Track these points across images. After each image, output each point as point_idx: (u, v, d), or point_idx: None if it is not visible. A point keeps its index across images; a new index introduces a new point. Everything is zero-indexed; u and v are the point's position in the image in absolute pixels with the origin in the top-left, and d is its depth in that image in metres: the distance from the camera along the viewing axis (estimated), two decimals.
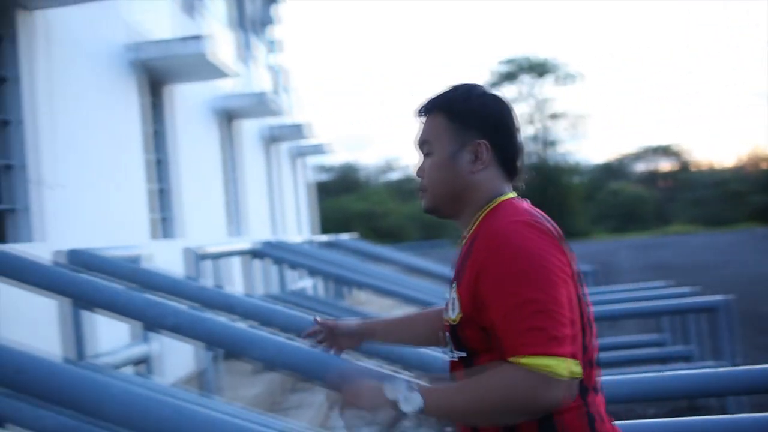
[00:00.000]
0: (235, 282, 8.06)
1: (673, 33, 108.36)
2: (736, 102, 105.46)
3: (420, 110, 1.91)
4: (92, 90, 5.97)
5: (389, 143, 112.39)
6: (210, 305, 3.70)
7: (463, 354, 1.78)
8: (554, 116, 60.62)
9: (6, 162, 4.82)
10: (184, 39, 6.90)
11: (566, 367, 1.57)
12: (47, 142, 5.05)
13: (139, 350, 4.60)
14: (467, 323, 1.73)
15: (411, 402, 1.66)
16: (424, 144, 1.91)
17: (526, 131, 60.92)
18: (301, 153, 16.35)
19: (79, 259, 3.92)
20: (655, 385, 2.85)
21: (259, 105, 9.81)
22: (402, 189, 59.54)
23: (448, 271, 1.94)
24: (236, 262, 8.11)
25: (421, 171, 1.91)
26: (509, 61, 61.43)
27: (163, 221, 7.47)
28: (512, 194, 1.87)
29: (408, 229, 51.81)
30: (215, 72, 7.52)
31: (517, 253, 1.65)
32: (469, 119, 1.84)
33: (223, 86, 9.59)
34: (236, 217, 10.22)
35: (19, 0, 4.80)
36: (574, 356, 1.60)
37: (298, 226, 15.84)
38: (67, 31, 5.53)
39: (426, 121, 1.90)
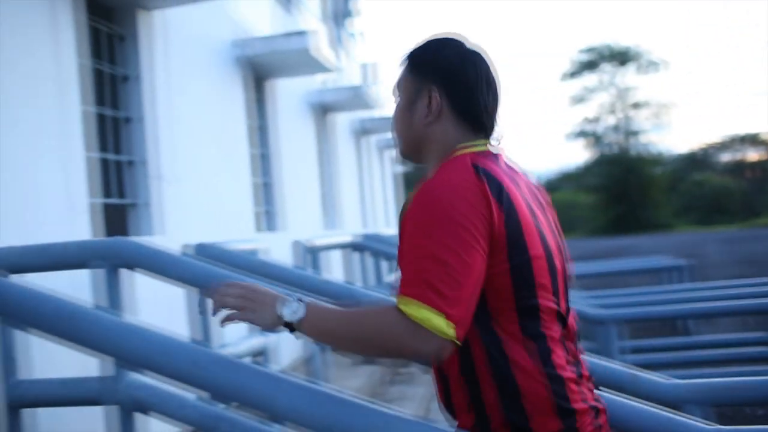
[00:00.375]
0: (335, 274, 8.14)
1: (761, 17, 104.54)
2: None
3: (399, 62, 1.91)
4: (204, 86, 6.10)
5: None
6: (335, 298, 3.74)
7: None
8: (636, 105, 59.27)
9: (129, 158, 4.97)
10: (288, 35, 6.99)
11: (438, 324, 1.57)
12: (166, 138, 5.18)
13: (257, 342, 4.68)
14: None
15: (294, 311, 1.71)
16: (394, 92, 1.92)
17: (606, 121, 59.84)
18: (388, 145, 16.41)
19: (207, 252, 4.01)
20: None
21: (355, 98, 9.88)
22: None
23: None
24: (336, 255, 8.19)
25: (392, 119, 1.93)
26: (589, 50, 60.32)
27: (267, 214, 7.59)
28: (476, 147, 1.81)
29: None
30: (317, 66, 7.59)
31: (432, 207, 1.64)
32: (424, 69, 1.83)
33: (317, 80, 9.69)
34: (331, 210, 10.32)
35: (139, 1, 4.94)
36: (451, 317, 1.58)
37: (386, 218, 15.91)
38: (182, 30, 5.66)
39: (399, 71, 1.90)
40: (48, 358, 3.42)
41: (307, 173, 9.04)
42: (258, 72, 7.39)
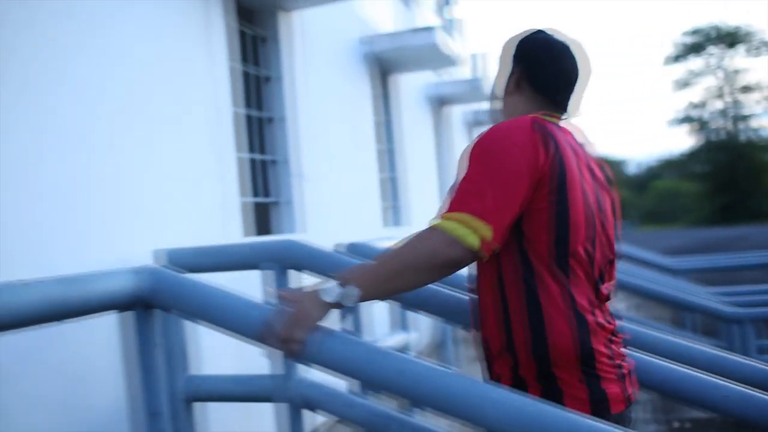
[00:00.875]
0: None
1: None
2: None
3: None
4: (336, 84, 6.19)
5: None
6: None
7: None
8: (746, 89, 56.92)
9: (272, 157, 5.09)
10: (416, 30, 7.01)
11: (467, 232, 1.78)
12: (305, 137, 5.28)
13: (401, 338, 4.74)
14: None
15: (349, 296, 1.82)
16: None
17: (713, 106, 57.69)
18: None
19: (359, 251, 4.06)
20: None
21: (472, 91, 9.83)
22: None
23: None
24: None
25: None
26: (695, 32, 58.26)
27: (392, 209, 7.65)
28: (544, 116, 2.04)
29: None
30: (443, 60, 7.58)
31: (484, 143, 1.89)
32: (513, 49, 2.14)
33: (432, 73, 9.68)
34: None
35: (280, 2, 5.03)
36: (484, 218, 1.79)
37: None
38: (316, 30, 5.75)
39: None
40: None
41: (426, 167, 9.06)
42: (382, 67, 7.44)
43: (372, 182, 6.80)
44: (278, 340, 1.87)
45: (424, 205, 8.68)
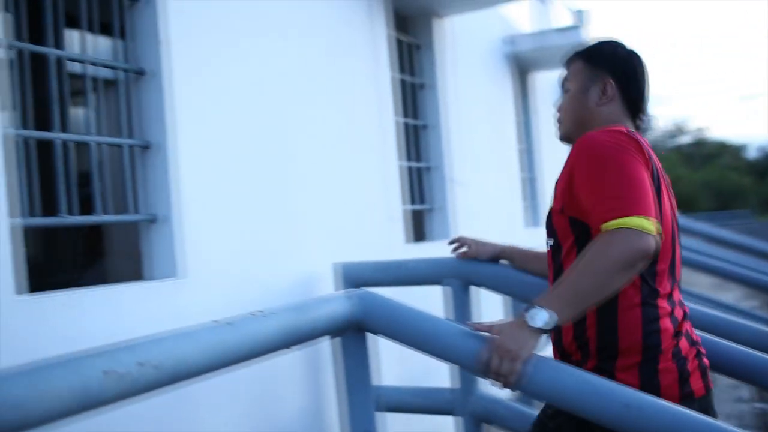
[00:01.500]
0: None
1: None
2: None
3: (566, 61, 2.30)
4: (481, 86, 6.19)
5: (679, 105, 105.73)
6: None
7: (552, 241, 2.17)
8: None
9: (426, 164, 5.14)
10: (561, 30, 6.93)
11: (648, 223, 1.85)
12: (456, 143, 5.31)
13: None
14: (558, 213, 2.11)
15: (547, 319, 1.86)
16: (564, 83, 2.29)
17: None
18: None
19: None
20: None
21: None
22: (693, 154, 56.04)
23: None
24: None
25: (559, 106, 2.31)
26: None
27: (531, 209, 7.59)
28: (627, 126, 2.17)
29: (700, 197, 48.60)
30: None
31: (599, 149, 1.99)
32: (600, 62, 2.20)
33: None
34: None
35: (435, 9, 5.07)
36: (650, 215, 1.87)
37: None
38: (465, 33, 5.76)
39: (569, 67, 2.27)
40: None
41: (559, 164, 8.93)
42: (521, 66, 7.38)
43: (514, 182, 6.77)
44: (496, 373, 1.91)
45: None
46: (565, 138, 2.33)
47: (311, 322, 2.12)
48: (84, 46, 2.49)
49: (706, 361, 2.14)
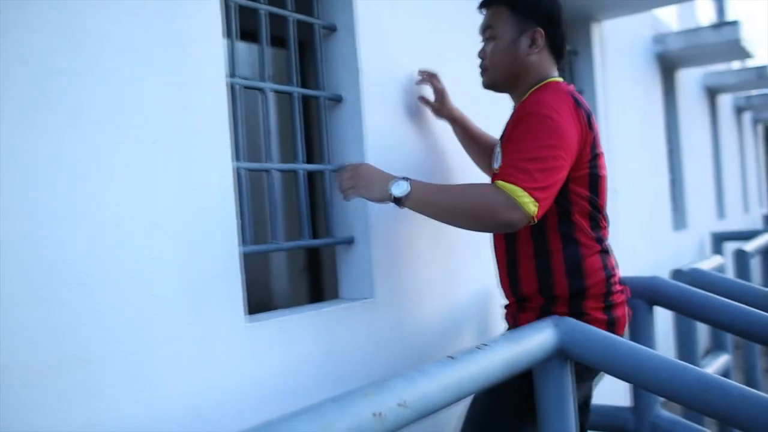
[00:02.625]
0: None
1: None
2: None
3: (484, 2, 2.36)
4: (632, 89, 6.04)
5: None
6: None
7: None
8: None
9: None
10: (717, 26, 6.66)
11: (530, 202, 2.02)
12: (613, 149, 5.20)
13: (721, 361, 4.57)
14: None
15: (400, 188, 2.16)
16: (486, 29, 2.36)
17: None
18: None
19: (701, 280, 3.90)
20: None
21: (759, 79, 9.14)
22: None
23: None
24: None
25: (482, 53, 2.38)
26: None
27: (675, 212, 7.38)
28: (559, 78, 2.33)
29: None
30: (740, 53, 7.15)
31: (540, 116, 2.09)
32: (527, 10, 2.27)
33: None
34: (722, 201, 9.76)
35: (594, 13, 4.98)
36: (538, 200, 2.03)
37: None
38: (618, 34, 5.64)
39: (488, 11, 2.35)
40: None
41: (702, 163, 8.63)
42: (668, 64, 7.16)
43: (662, 185, 6.59)
44: (340, 181, 2.31)
45: (701, 205, 8.27)
46: (490, 86, 2.41)
47: (526, 352, 2.14)
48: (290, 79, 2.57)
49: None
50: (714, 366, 4.39)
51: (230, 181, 2.11)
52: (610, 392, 3.48)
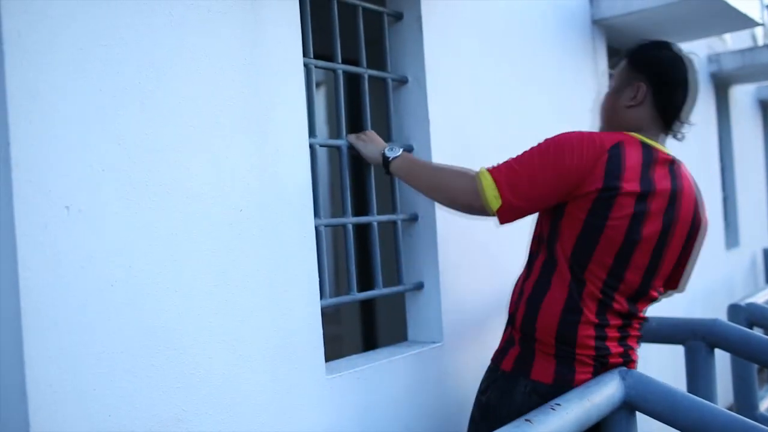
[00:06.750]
0: None
1: None
2: None
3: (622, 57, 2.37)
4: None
5: None
6: None
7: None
8: None
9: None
10: None
11: (493, 196, 2.10)
12: None
13: None
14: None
15: (394, 152, 2.37)
16: (610, 78, 2.39)
17: None
18: None
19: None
20: None
21: None
22: None
23: None
24: None
25: (600, 101, 2.42)
26: None
27: (727, 230, 7.29)
28: (652, 142, 2.23)
29: None
30: None
31: (554, 142, 2.12)
32: (639, 64, 2.26)
33: None
34: None
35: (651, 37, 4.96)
36: (504, 201, 2.10)
37: None
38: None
39: (618, 64, 2.37)
40: None
41: (754, 180, 8.50)
42: (722, 83, 7.09)
43: (715, 204, 6.54)
44: (354, 141, 2.46)
45: (753, 222, 8.12)
46: (600, 130, 2.41)
47: (596, 407, 2.20)
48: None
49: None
50: None
51: (312, 239, 2.21)
52: None
